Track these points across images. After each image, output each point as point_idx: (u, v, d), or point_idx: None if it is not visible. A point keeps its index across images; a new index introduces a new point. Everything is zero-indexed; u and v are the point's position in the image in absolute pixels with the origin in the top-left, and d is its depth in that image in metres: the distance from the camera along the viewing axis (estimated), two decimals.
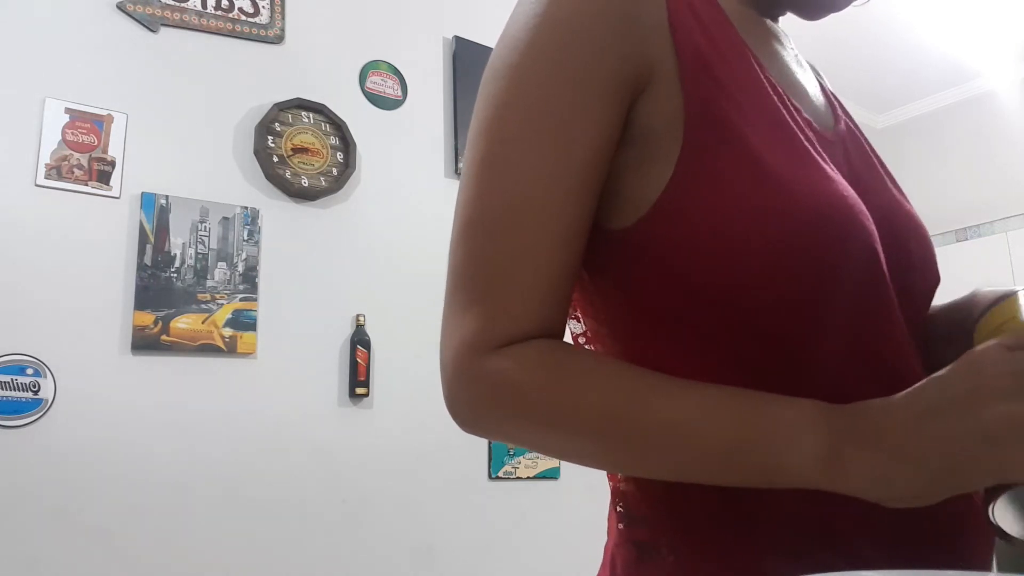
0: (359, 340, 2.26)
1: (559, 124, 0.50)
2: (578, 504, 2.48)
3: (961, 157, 3.93)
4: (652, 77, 0.52)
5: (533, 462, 2.53)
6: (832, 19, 0.66)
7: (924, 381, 0.43)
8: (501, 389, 0.49)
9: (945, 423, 0.40)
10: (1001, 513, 0.41)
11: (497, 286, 0.50)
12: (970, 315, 0.58)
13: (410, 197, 2.50)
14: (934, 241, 0.64)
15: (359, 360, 2.25)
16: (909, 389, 0.43)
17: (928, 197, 3.95)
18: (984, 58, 3.68)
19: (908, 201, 0.64)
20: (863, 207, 0.53)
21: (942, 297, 0.64)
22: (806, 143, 0.54)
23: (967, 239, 3.77)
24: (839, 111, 0.67)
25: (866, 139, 0.67)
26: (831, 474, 0.43)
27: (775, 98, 0.55)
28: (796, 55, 0.67)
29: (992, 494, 0.41)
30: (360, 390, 2.24)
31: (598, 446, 0.49)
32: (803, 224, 0.49)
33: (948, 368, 0.42)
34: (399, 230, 2.45)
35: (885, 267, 0.54)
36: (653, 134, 0.52)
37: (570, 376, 0.48)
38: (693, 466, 0.47)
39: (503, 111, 0.52)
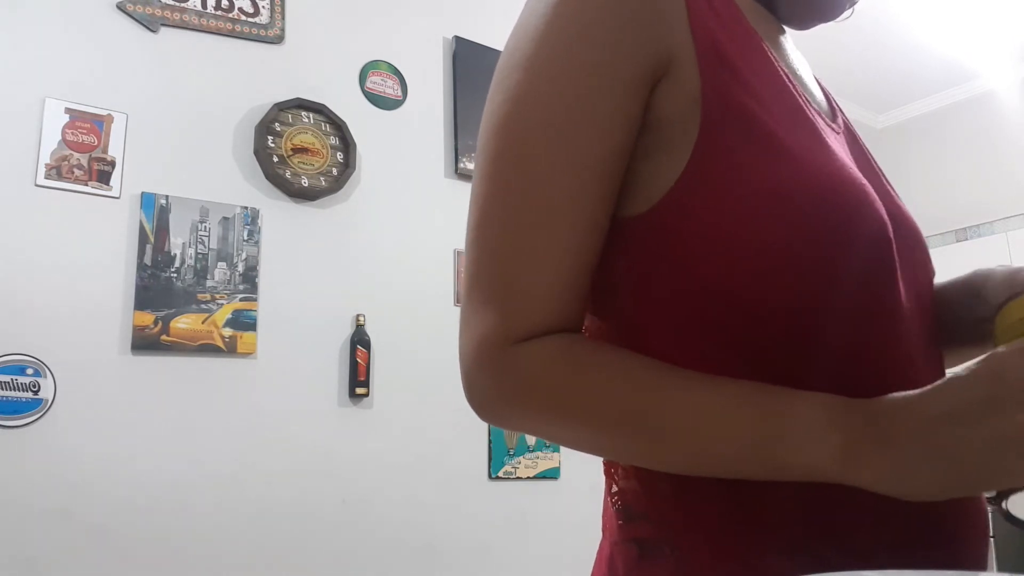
0: (359, 340, 2.26)
1: (578, 117, 0.50)
2: (578, 504, 2.48)
3: (961, 157, 3.93)
4: (670, 66, 0.51)
5: (533, 462, 2.53)
6: None
7: (944, 380, 0.43)
8: (523, 383, 0.49)
9: (961, 428, 0.40)
10: (1016, 504, 0.41)
11: (517, 281, 0.50)
12: (978, 295, 0.58)
13: (410, 197, 2.50)
14: (934, 241, 0.65)
15: (359, 360, 2.25)
16: (929, 387, 0.43)
17: (928, 197, 3.94)
18: (984, 58, 3.68)
19: (901, 200, 0.64)
20: (874, 193, 0.53)
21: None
22: (821, 131, 0.55)
23: (967, 239, 3.76)
24: (836, 106, 0.68)
25: (859, 137, 0.68)
26: (846, 470, 0.43)
27: (790, 86, 0.56)
28: (797, 50, 0.68)
29: (1007, 491, 0.41)
30: (360, 390, 2.23)
31: (620, 439, 0.49)
32: (821, 204, 0.49)
33: (969, 370, 0.42)
34: (399, 230, 2.45)
35: (897, 257, 0.54)
36: (668, 122, 0.52)
37: (591, 370, 0.48)
38: (713, 459, 0.47)
39: (520, 104, 0.51)
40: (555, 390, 0.49)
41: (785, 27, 0.68)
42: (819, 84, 0.69)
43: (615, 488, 0.59)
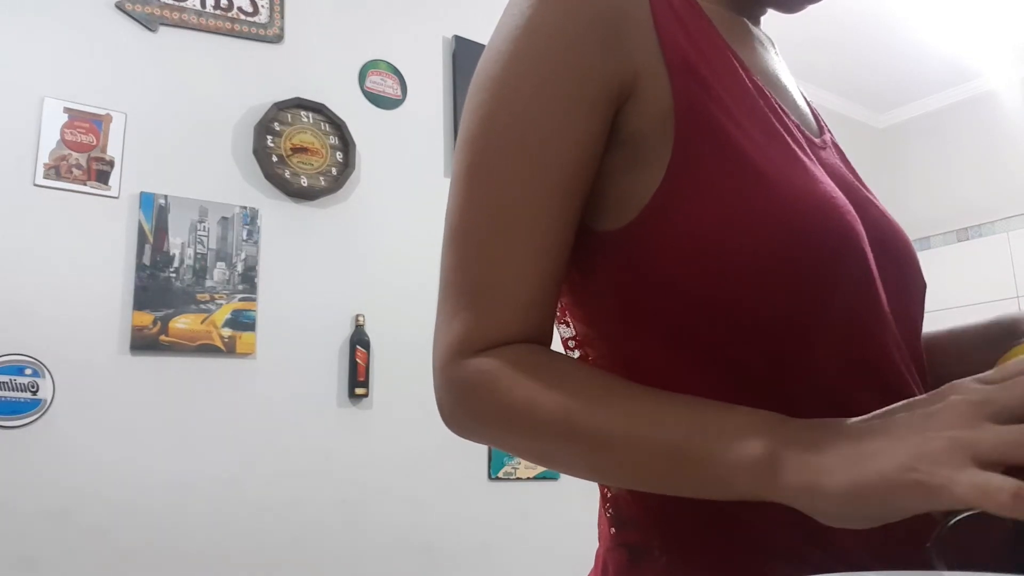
0: (359, 340, 2.26)
1: (542, 135, 0.51)
2: (578, 504, 2.47)
3: (962, 157, 3.92)
4: (639, 82, 0.52)
5: None
6: (832, 20, 0.66)
7: (895, 404, 0.42)
8: (474, 390, 0.50)
9: (888, 441, 0.39)
10: (939, 549, 0.40)
11: (482, 293, 0.51)
12: (995, 340, 0.58)
13: (410, 197, 2.50)
14: (935, 241, 0.65)
15: (359, 360, 2.25)
16: (878, 411, 0.42)
17: (930, 197, 3.94)
18: (985, 58, 3.68)
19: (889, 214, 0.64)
20: (851, 209, 0.53)
21: (941, 295, 0.64)
22: (794, 145, 0.54)
23: (968, 239, 3.76)
24: (822, 122, 0.67)
25: (845, 156, 0.67)
26: (762, 478, 0.42)
27: (760, 101, 0.56)
28: (781, 61, 0.67)
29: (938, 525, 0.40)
30: (360, 390, 2.23)
31: (552, 449, 0.49)
32: (792, 226, 0.49)
33: (924, 394, 0.41)
34: (399, 230, 2.45)
35: (874, 269, 0.53)
36: (642, 137, 0.52)
37: (536, 379, 0.48)
38: (638, 472, 0.47)
39: (487, 122, 0.52)
40: (499, 397, 0.49)
41: (781, 16, 0.68)
42: (806, 100, 0.69)
43: (608, 495, 0.59)
